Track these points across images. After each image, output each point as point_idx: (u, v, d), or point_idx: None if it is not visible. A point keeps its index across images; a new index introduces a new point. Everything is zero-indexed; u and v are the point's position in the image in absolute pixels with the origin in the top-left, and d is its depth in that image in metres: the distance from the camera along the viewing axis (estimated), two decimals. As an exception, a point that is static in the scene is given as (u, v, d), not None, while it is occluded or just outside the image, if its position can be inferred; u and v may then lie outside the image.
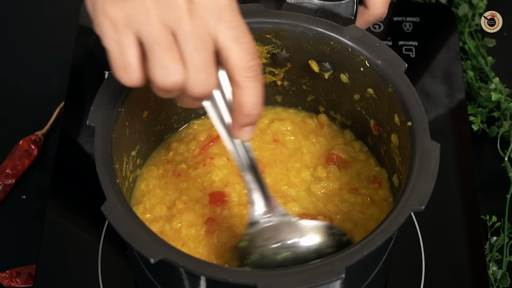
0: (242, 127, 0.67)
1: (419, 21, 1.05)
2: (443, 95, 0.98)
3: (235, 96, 0.65)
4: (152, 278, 0.76)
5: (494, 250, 0.89)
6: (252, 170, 0.72)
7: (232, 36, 0.63)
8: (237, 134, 0.67)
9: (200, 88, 0.63)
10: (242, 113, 0.65)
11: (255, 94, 0.65)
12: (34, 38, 1.09)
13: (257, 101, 0.65)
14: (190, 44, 0.62)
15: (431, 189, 0.69)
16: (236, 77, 0.64)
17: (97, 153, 0.71)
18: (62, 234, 0.87)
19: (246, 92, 0.65)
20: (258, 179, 0.73)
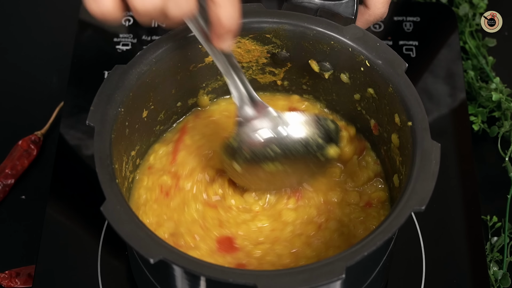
0: (221, 38, 0.71)
1: (419, 21, 1.05)
2: (444, 95, 0.98)
3: (212, 12, 0.69)
4: (152, 279, 0.76)
5: (495, 250, 0.89)
6: (236, 72, 0.75)
7: None
8: (218, 44, 0.71)
9: (180, 10, 0.66)
10: (220, 26, 0.69)
11: (231, 9, 0.69)
12: (33, 38, 1.09)
13: (234, 14, 0.69)
14: None
15: (432, 189, 0.69)
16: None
17: (97, 153, 0.71)
18: (62, 234, 0.87)
19: (222, 8, 0.68)
20: (243, 81, 0.76)
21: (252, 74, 0.85)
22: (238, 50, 0.82)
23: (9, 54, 1.08)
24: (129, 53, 1.01)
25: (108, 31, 1.03)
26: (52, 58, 1.06)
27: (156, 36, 1.02)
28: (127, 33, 1.02)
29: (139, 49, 1.00)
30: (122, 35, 1.02)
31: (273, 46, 0.82)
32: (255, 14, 0.80)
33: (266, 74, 0.85)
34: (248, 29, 0.80)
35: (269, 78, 0.86)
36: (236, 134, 0.77)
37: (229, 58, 0.75)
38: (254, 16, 0.80)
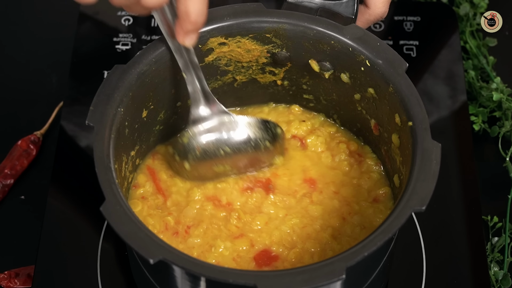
0: (187, 33, 0.71)
1: (420, 21, 1.05)
2: (444, 95, 0.98)
3: (181, 5, 0.69)
4: (152, 279, 0.76)
5: (496, 250, 0.89)
6: (194, 70, 0.77)
7: None
8: (182, 39, 0.72)
9: (154, 1, 0.67)
10: (188, 20, 0.70)
11: (200, 3, 0.69)
12: (33, 38, 1.09)
13: (202, 9, 0.69)
14: None
15: (432, 190, 0.69)
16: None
17: (96, 153, 0.71)
18: (61, 234, 0.87)
19: (191, 1, 0.69)
20: (199, 79, 0.77)
21: (252, 73, 0.85)
22: (238, 50, 0.82)
23: (8, 54, 1.08)
24: (128, 53, 1.01)
25: (108, 30, 1.03)
26: (51, 58, 1.06)
27: (156, 35, 1.02)
28: (127, 32, 1.02)
29: (139, 48, 1.00)
30: (122, 34, 1.02)
31: (273, 45, 0.82)
32: (255, 13, 0.80)
33: (266, 74, 0.85)
34: (248, 28, 0.80)
35: (269, 77, 0.86)
36: (188, 132, 0.79)
37: (189, 54, 0.76)
38: (254, 16, 0.80)
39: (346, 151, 0.84)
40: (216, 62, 0.83)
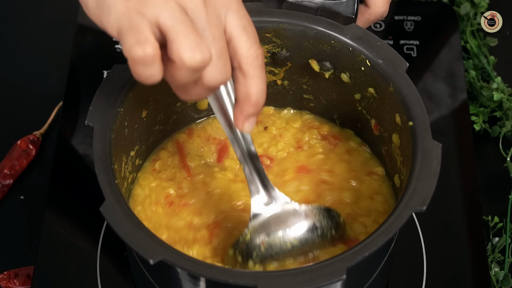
0: (247, 117, 0.66)
1: (420, 20, 1.05)
2: (445, 94, 0.98)
3: (242, 86, 0.65)
4: (151, 280, 0.76)
5: (496, 251, 0.89)
6: (252, 161, 0.72)
7: (240, 26, 0.64)
8: (241, 125, 0.66)
9: (217, 76, 0.62)
10: (249, 102, 0.65)
11: (262, 83, 0.65)
12: (32, 38, 1.08)
13: (264, 90, 0.65)
14: (208, 32, 0.62)
15: (433, 190, 0.69)
16: (244, 67, 0.64)
17: (96, 153, 0.71)
18: (61, 234, 0.87)
19: (254, 81, 0.65)
20: (258, 170, 0.73)
21: (252, 73, 0.85)
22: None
23: (8, 54, 1.07)
24: (128, 52, 1.01)
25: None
26: (51, 57, 1.06)
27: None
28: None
29: (139, 48, 0.99)
30: (121, 34, 1.02)
31: (273, 45, 0.82)
32: (255, 13, 0.80)
33: (266, 74, 0.85)
34: None
35: (269, 77, 0.86)
36: (250, 228, 0.73)
37: (246, 143, 0.71)
38: (254, 16, 0.80)
39: (318, 136, 0.85)
40: (216, 62, 0.83)
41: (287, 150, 0.85)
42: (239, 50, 0.64)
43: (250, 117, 0.66)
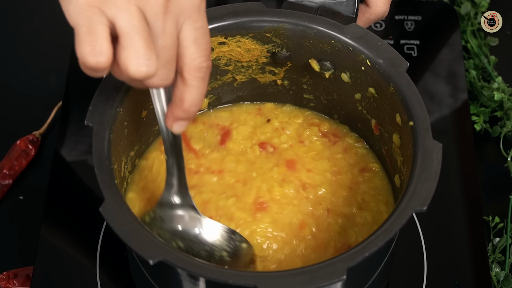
0: (176, 120, 0.69)
1: (421, 20, 1.05)
2: (445, 94, 0.98)
3: (178, 91, 0.67)
4: (151, 280, 0.76)
5: (497, 251, 0.89)
6: (176, 157, 0.74)
7: (192, 36, 0.66)
8: (170, 125, 0.70)
9: (158, 81, 0.65)
10: (181, 107, 0.68)
11: (198, 93, 0.67)
12: (31, 37, 1.08)
13: (198, 100, 0.68)
14: (161, 41, 0.64)
15: (433, 190, 0.69)
16: (185, 74, 0.66)
17: (95, 153, 0.71)
18: (60, 235, 0.87)
19: (190, 89, 0.67)
20: (179, 167, 0.74)
21: (252, 73, 0.85)
22: (238, 50, 0.82)
23: (6, 53, 1.07)
24: (128, 52, 1.01)
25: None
26: (50, 57, 1.06)
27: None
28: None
29: (138, 48, 0.99)
30: (121, 34, 1.02)
31: (273, 45, 0.82)
32: (255, 13, 0.80)
33: (266, 74, 0.85)
34: (248, 28, 0.80)
35: (269, 77, 0.86)
36: (151, 213, 0.75)
37: (176, 139, 0.73)
38: (254, 15, 0.80)
39: (317, 133, 0.85)
40: (216, 61, 0.83)
41: (290, 142, 0.85)
42: (184, 58, 0.66)
43: (179, 120, 0.69)
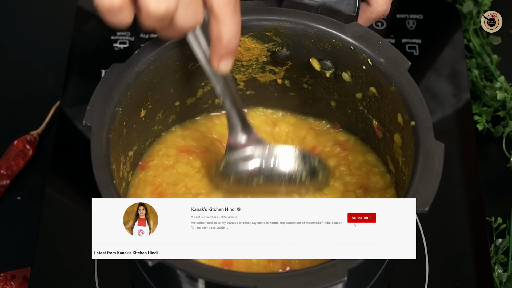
0: (220, 59, 0.70)
1: (422, 19, 1.05)
2: (447, 94, 0.98)
3: (214, 29, 0.69)
4: (150, 282, 0.76)
5: (500, 252, 0.89)
6: (231, 97, 0.75)
7: None
8: (216, 66, 0.71)
9: (188, 21, 0.66)
10: (221, 45, 0.69)
11: (234, 26, 0.69)
12: (30, 37, 1.09)
13: (235, 33, 0.69)
14: None
15: (435, 190, 0.69)
16: (216, 10, 0.68)
17: (94, 153, 0.71)
18: (58, 236, 0.87)
19: (225, 24, 0.68)
20: (237, 106, 0.76)
21: (252, 72, 0.85)
22: (238, 49, 0.82)
23: (5, 53, 1.08)
24: (126, 51, 1.01)
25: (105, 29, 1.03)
26: (48, 56, 1.06)
27: (154, 34, 1.02)
28: (125, 31, 1.02)
29: (137, 47, 0.99)
30: (120, 33, 1.02)
31: (273, 44, 0.82)
32: (255, 11, 0.80)
33: (266, 73, 0.85)
34: (248, 27, 0.80)
35: (269, 76, 0.86)
36: (224, 159, 0.78)
37: (226, 80, 0.74)
38: (254, 14, 0.80)
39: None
40: (216, 61, 0.83)
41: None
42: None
43: (223, 58, 0.70)
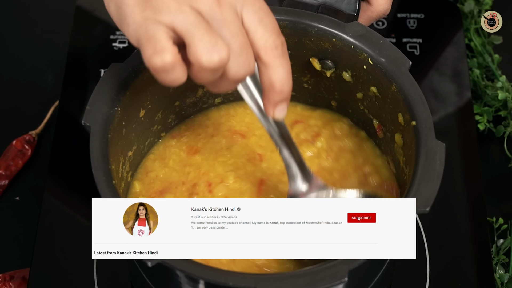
0: (275, 105, 0.69)
1: (423, 18, 1.05)
2: (449, 93, 0.98)
3: (265, 76, 0.68)
4: (150, 283, 0.76)
5: (501, 253, 0.89)
6: (288, 145, 0.75)
7: (256, 19, 0.66)
8: (271, 112, 0.70)
9: (241, 70, 0.66)
10: (274, 91, 0.68)
11: (284, 70, 0.68)
12: (28, 36, 1.09)
13: (287, 78, 0.68)
14: (226, 30, 0.64)
15: (436, 191, 0.69)
16: (264, 57, 0.67)
17: (93, 153, 0.71)
18: (57, 236, 0.87)
19: (275, 70, 0.67)
20: (295, 154, 0.75)
21: (252, 72, 0.85)
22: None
23: (3, 52, 1.08)
24: (126, 51, 1.01)
25: (104, 28, 1.03)
26: (47, 56, 1.06)
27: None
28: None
29: (136, 46, 0.99)
30: (119, 32, 1.02)
31: (273, 43, 0.82)
32: (255, 10, 0.80)
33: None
34: None
35: (270, 76, 0.86)
36: None
37: (281, 128, 0.74)
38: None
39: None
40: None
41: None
42: (257, 42, 0.67)
43: (278, 104, 0.69)
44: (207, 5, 0.64)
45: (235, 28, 0.65)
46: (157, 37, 0.63)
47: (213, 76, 0.65)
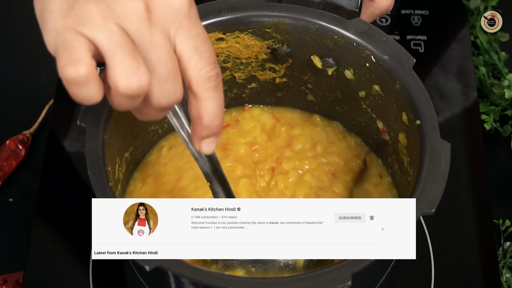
0: (202, 139, 0.67)
1: (428, 14, 1.05)
2: (454, 92, 0.98)
3: (193, 108, 0.65)
4: (147, 287, 0.76)
5: (508, 256, 0.89)
6: (219, 180, 0.73)
7: (191, 46, 0.63)
8: (198, 146, 0.67)
9: (165, 98, 0.63)
10: (201, 125, 0.65)
11: (215, 105, 0.65)
12: (22, 34, 1.09)
13: (217, 112, 0.65)
14: (153, 55, 0.61)
15: (442, 191, 0.69)
16: (195, 88, 0.64)
17: (88, 155, 0.71)
18: (51, 239, 0.87)
19: (204, 103, 0.64)
20: (226, 190, 0.74)
21: (252, 70, 0.85)
22: (236, 46, 0.82)
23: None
24: (122, 48, 1.01)
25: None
26: (41, 53, 1.06)
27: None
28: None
29: (133, 44, 1.00)
30: (115, 29, 1.02)
31: (273, 41, 0.82)
32: (254, 7, 0.80)
33: (266, 71, 0.85)
34: (247, 23, 0.80)
35: (269, 74, 0.86)
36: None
37: (212, 162, 0.72)
38: (253, 10, 0.80)
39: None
40: (214, 58, 0.83)
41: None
42: (189, 71, 0.63)
43: (205, 139, 0.67)
44: (135, 25, 0.61)
45: (163, 53, 0.62)
46: (75, 46, 0.59)
47: (131, 103, 0.62)
